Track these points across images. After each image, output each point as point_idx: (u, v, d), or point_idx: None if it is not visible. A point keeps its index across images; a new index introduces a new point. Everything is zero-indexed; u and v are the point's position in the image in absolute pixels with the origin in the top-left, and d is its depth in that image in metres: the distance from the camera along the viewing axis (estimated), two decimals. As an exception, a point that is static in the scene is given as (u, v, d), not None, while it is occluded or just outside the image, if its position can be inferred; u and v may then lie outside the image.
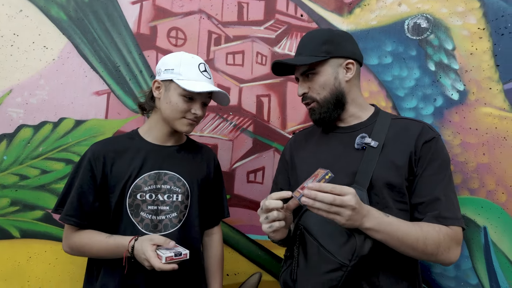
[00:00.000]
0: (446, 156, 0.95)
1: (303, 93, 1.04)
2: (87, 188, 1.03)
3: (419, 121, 1.00)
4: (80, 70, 1.46)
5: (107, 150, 1.07)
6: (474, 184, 1.29)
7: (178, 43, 1.50)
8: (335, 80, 1.00)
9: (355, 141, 0.98)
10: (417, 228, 0.84)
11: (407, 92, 1.39)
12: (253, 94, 1.49)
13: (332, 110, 1.01)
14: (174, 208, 1.08)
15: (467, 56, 1.33)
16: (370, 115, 1.05)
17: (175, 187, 1.09)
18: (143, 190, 1.05)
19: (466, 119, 1.31)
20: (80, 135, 1.45)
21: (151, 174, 1.07)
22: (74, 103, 1.45)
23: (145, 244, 0.94)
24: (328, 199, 0.74)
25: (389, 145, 0.95)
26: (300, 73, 1.04)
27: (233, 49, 1.51)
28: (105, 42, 1.48)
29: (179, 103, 1.06)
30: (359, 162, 0.94)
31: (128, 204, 1.04)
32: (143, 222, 1.05)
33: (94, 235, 1.04)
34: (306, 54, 1.01)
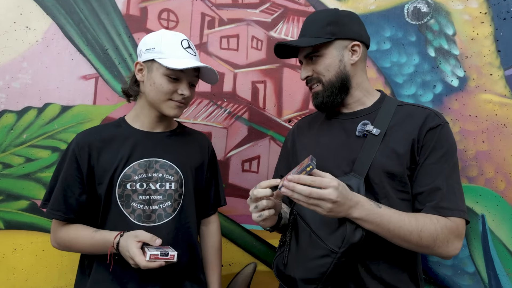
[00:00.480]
0: (451, 144, 0.91)
1: (306, 76, 1.00)
2: (72, 181, 1.00)
3: (426, 108, 0.96)
4: (66, 53, 1.40)
5: (92, 140, 1.03)
6: (472, 172, 1.28)
7: (170, 25, 1.44)
8: (340, 63, 0.97)
9: (357, 128, 0.95)
10: (411, 219, 0.82)
11: (406, 78, 1.37)
12: (248, 80, 1.45)
13: (336, 94, 0.97)
14: (167, 197, 1.04)
15: (468, 41, 1.31)
16: (375, 101, 1.01)
17: (168, 175, 1.05)
18: (133, 180, 1.01)
19: (465, 106, 1.30)
20: (66, 121, 1.39)
21: (140, 163, 1.03)
22: (60, 87, 1.39)
23: (130, 240, 0.91)
24: (305, 192, 0.74)
25: (392, 133, 0.92)
26: (303, 56, 1.00)
27: (228, 32, 1.46)
28: (93, 24, 1.41)
29: (163, 84, 1.00)
30: (360, 149, 0.92)
31: (118, 194, 1.00)
32: (135, 213, 1.01)
33: (81, 229, 1.00)
34: (310, 35, 0.97)
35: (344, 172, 0.92)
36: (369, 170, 0.89)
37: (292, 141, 1.13)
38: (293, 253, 0.91)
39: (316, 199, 0.74)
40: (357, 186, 0.86)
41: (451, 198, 0.85)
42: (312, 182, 0.74)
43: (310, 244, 0.86)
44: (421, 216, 0.84)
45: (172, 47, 1.01)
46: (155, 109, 1.06)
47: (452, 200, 0.85)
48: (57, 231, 1.02)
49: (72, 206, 0.99)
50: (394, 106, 0.97)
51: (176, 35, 1.04)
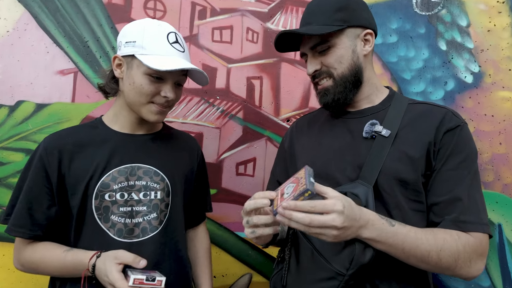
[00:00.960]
0: (472, 148, 0.83)
1: (315, 70, 0.90)
2: (38, 192, 0.88)
3: (442, 107, 0.87)
4: (41, 45, 1.30)
5: (63, 143, 0.91)
6: (488, 176, 1.22)
7: (157, 15, 1.35)
8: (353, 54, 0.87)
9: (364, 128, 0.86)
10: (429, 237, 0.73)
11: (414, 74, 1.30)
12: (243, 76, 1.37)
13: (350, 90, 0.88)
14: (153, 207, 0.94)
15: (484, 33, 1.24)
16: (384, 98, 0.93)
17: (153, 183, 0.95)
18: (112, 189, 0.91)
19: (481, 104, 1.23)
20: (42, 121, 1.29)
21: (121, 169, 0.93)
22: (34, 83, 1.29)
23: (109, 263, 0.80)
24: (304, 221, 0.64)
25: (404, 134, 0.83)
26: (309, 47, 0.90)
27: (220, 23, 1.37)
28: (71, 13, 1.31)
29: (144, 84, 0.89)
30: (367, 153, 0.83)
31: (95, 207, 0.89)
32: (115, 227, 0.90)
33: (49, 249, 0.89)
34: (317, 23, 0.87)
35: (349, 179, 0.84)
36: (378, 177, 0.80)
37: (290, 142, 1.05)
38: (292, 273, 0.84)
39: (318, 227, 0.65)
40: (365, 196, 0.78)
41: (473, 210, 0.77)
42: (312, 208, 0.64)
43: (312, 264, 0.78)
44: (440, 232, 0.75)
45: (155, 42, 0.89)
46: (135, 112, 0.96)
47: (474, 212, 0.77)
48: (21, 250, 0.90)
49: (38, 221, 0.88)
50: (405, 104, 0.89)
51: (162, 26, 0.92)
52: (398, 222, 0.74)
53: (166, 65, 0.85)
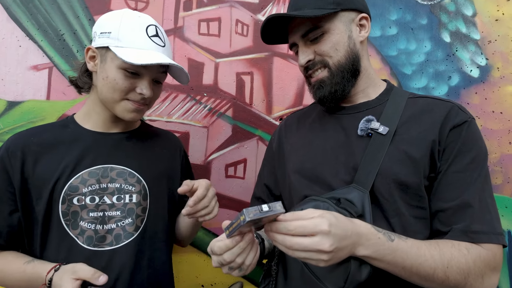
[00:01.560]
0: (481, 147, 0.75)
1: (308, 60, 0.83)
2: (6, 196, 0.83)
3: (447, 100, 0.80)
4: (13, 38, 1.23)
5: (27, 144, 0.86)
6: (497, 179, 1.16)
7: (139, 6, 1.28)
8: (349, 40, 0.80)
9: (359, 125, 0.79)
10: (434, 253, 0.66)
11: (415, 69, 1.24)
12: (232, 71, 1.31)
13: (348, 80, 0.81)
14: (127, 212, 0.88)
15: (491, 23, 1.18)
16: (381, 92, 0.86)
17: (127, 185, 0.89)
18: (81, 192, 0.85)
19: (488, 100, 1.17)
20: (14, 120, 1.22)
21: (91, 171, 0.87)
22: (6, 79, 1.23)
23: (66, 278, 0.74)
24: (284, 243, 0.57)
25: (404, 131, 0.76)
26: (300, 35, 0.83)
27: (208, 15, 1.30)
28: (45, 4, 1.23)
29: (118, 79, 0.83)
30: (363, 153, 0.76)
31: (62, 212, 0.83)
32: (84, 234, 0.84)
33: (9, 260, 0.83)
34: (310, 7, 0.80)
35: (343, 182, 0.77)
36: (375, 180, 0.73)
37: (278, 141, 0.98)
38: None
39: (303, 251, 0.57)
40: (360, 202, 0.71)
41: (485, 218, 0.69)
42: (290, 231, 0.56)
43: (302, 281, 0.72)
44: (447, 246, 0.68)
45: (133, 34, 0.83)
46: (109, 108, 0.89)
47: (486, 220, 0.69)
48: None
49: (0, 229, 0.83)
50: (404, 99, 0.82)
51: (142, 18, 0.87)
52: (398, 236, 0.67)
53: (142, 59, 0.79)
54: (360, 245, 0.62)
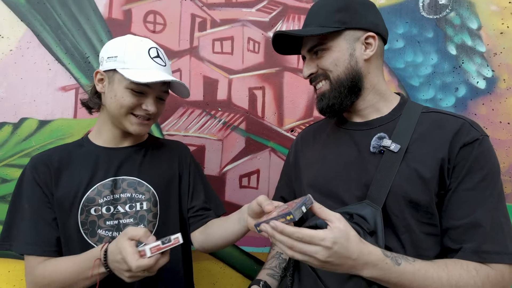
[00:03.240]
0: (494, 165, 0.74)
1: (309, 73, 0.86)
2: (40, 207, 0.89)
3: (459, 117, 0.79)
4: (43, 62, 1.32)
5: (49, 161, 0.93)
6: (506, 188, 1.16)
7: (157, 29, 1.35)
8: (350, 57, 0.82)
9: (371, 142, 0.80)
10: (442, 274, 0.66)
11: (422, 81, 1.25)
12: (244, 86, 1.36)
13: (345, 96, 0.82)
14: (139, 219, 0.94)
15: (497, 36, 1.18)
16: (394, 107, 0.85)
17: (137, 194, 0.95)
18: (98, 203, 0.92)
19: (495, 111, 1.18)
20: (45, 137, 1.31)
21: (105, 183, 0.94)
22: (37, 100, 1.32)
23: (121, 241, 0.76)
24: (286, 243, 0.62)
25: (415, 149, 0.76)
26: (307, 50, 0.87)
27: (221, 34, 1.36)
28: (72, 29, 1.33)
29: (125, 97, 0.91)
30: (375, 170, 0.77)
31: (81, 222, 0.90)
32: (102, 241, 0.90)
33: (60, 259, 0.89)
34: (316, 24, 0.83)
35: (356, 198, 0.78)
36: (387, 198, 0.74)
37: (295, 155, 1.00)
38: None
39: (300, 253, 0.61)
40: (373, 218, 0.72)
41: (497, 238, 0.69)
42: (298, 238, 0.61)
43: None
44: (456, 267, 0.68)
45: (137, 57, 0.91)
46: (117, 125, 0.97)
47: (498, 241, 0.69)
48: (34, 269, 0.88)
49: (46, 235, 0.89)
50: (417, 114, 0.81)
51: (143, 41, 0.94)
52: (406, 259, 0.67)
53: (147, 78, 0.87)
54: (366, 269, 0.64)
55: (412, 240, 0.73)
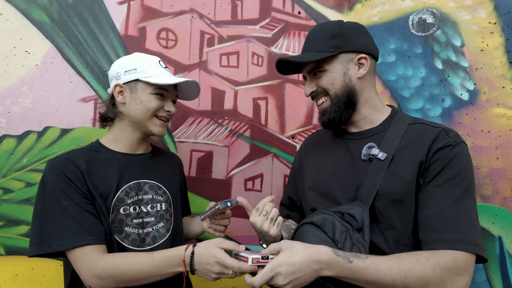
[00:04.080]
0: (465, 166, 0.80)
1: (311, 92, 0.96)
2: (78, 200, 0.90)
3: (437, 126, 0.86)
4: (65, 76, 1.41)
5: (76, 162, 0.94)
6: (487, 190, 1.24)
7: (169, 44, 1.44)
8: (344, 76, 0.91)
9: (362, 151, 0.89)
10: (393, 265, 0.72)
11: (412, 92, 1.33)
12: (249, 97, 1.44)
13: (343, 110, 0.92)
14: (159, 218, 1.04)
15: (477, 52, 1.27)
16: (385, 119, 0.94)
17: (157, 196, 1.05)
18: (126, 203, 0.99)
19: (477, 120, 1.26)
20: (66, 144, 1.39)
21: (131, 185, 1.01)
22: (60, 111, 1.40)
23: (212, 247, 0.83)
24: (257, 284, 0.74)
25: (400, 157, 0.84)
26: (307, 71, 0.96)
27: (227, 49, 1.45)
28: (91, 46, 1.42)
29: (152, 101, 1.02)
30: (365, 175, 0.86)
31: (111, 220, 0.95)
32: (129, 238, 0.98)
33: (128, 255, 0.91)
34: (313, 50, 0.92)
35: (349, 199, 0.87)
36: (374, 199, 0.83)
37: (300, 161, 1.11)
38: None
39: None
40: (361, 217, 0.81)
41: (461, 227, 0.74)
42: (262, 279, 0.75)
43: None
44: (407, 258, 0.73)
45: (153, 67, 1.04)
46: (138, 131, 1.04)
47: (456, 230, 0.74)
48: (95, 263, 0.88)
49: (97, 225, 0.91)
50: (405, 125, 0.89)
51: (152, 56, 1.08)
52: (358, 256, 0.74)
53: (170, 80, 1.01)
54: (324, 269, 0.73)
55: (395, 236, 0.81)
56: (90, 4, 1.41)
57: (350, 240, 0.79)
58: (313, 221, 0.84)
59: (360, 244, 0.78)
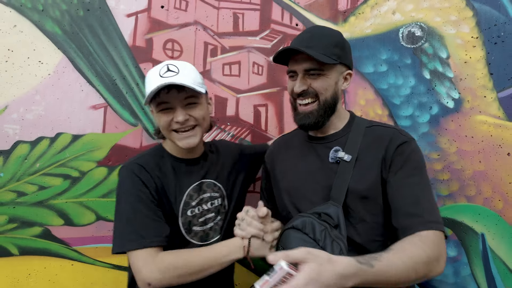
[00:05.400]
0: (421, 159, 0.92)
1: (303, 90, 0.95)
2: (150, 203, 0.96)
3: (391, 127, 0.99)
4: (76, 85, 1.46)
5: (148, 168, 0.99)
6: (471, 191, 1.30)
7: (174, 55, 1.50)
8: (335, 85, 0.98)
9: (329, 154, 0.98)
10: (403, 258, 0.73)
11: (403, 100, 1.40)
12: (250, 104, 1.49)
13: (328, 115, 0.98)
14: (217, 212, 1.10)
15: (462, 64, 1.34)
16: (345, 123, 1.03)
17: (214, 193, 1.10)
18: (192, 205, 1.05)
19: (461, 127, 1.32)
20: (77, 149, 1.44)
21: (193, 187, 1.06)
22: (71, 118, 1.45)
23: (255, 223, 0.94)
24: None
25: (363, 157, 0.94)
26: (303, 69, 0.95)
27: (230, 59, 1.50)
28: (101, 56, 1.47)
29: (160, 119, 0.99)
30: (335, 176, 0.94)
31: (182, 223, 1.02)
32: (197, 235, 1.05)
33: (189, 250, 0.97)
34: (319, 50, 0.92)
35: (322, 199, 0.94)
36: (346, 197, 0.91)
37: (271, 164, 1.15)
38: None
39: None
40: (336, 215, 0.88)
41: (432, 212, 0.84)
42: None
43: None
44: (408, 246, 0.77)
45: (150, 83, 0.96)
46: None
47: (433, 214, 0.84)
48: (158, 260, 0.91)
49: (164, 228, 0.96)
50: (363, 128, 0.99)
51: (159, 66, 0.99)
52: (374, 259, 0.70)
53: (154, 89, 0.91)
54: (349, 281, 0.66)
55: (365, 229, 0.89)
56: (100, 16, 1.46)
57: (329, 237, 0.84)
58: (294, 225, 0.89)
59: (339, 239, 0.84)
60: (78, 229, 1.44)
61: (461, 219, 1.31)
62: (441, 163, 1.34)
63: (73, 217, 1.43)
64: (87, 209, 1.43)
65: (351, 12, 1.45)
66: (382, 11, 1.43)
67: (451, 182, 1.33)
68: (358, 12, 1.45)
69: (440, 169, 1.34)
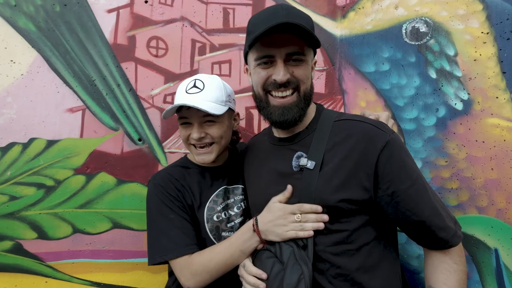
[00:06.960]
0: (409, 154, 0.85)
1: (288, 79, 0.82)
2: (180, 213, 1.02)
3: (364, 121, 0.86)
4: (52, 86, 1.40)
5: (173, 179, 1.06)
6: (482, 201, 1.23)
7: (159, 53, 1.43)
8: (311, 74, 0.90)
9: (292, 163, 0.87)
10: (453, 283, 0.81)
11: (407, 101, 1.33)
12: (241, 106, 1.43)
13: (305, 109, 0.88)
14: (244, 214, 1.13)
15: (471, 62, 1.27)
16: (312, 118, 0.92)
17: (237, 196, 1.12)
18: (217, 211, 1.07)
19: (471, 130, 1.25)
20: (52, 156, 1.38)
21: (217, 193, 1.09)
22: (46, 121, 1.39)
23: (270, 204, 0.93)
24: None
25: (329, 160, 0.83)
26: (285, 53, 0.82)
27: (219, 58, 1.44)
28: (79, 55, 1.40)
29: (181, 132, 1.06)
30: (301, 183, 0.86)
31: (209, 229, 1.05)
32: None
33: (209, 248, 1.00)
34: (305, 24, 0.79)
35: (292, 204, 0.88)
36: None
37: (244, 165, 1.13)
38: None
39: None
40: None
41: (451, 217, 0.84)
42: None
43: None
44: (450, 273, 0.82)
45: (176, 96, 1.05)
46: None
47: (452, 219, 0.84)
48: (189, 264, 0.97)
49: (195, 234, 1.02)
50: (330, 125, 0.87)
51: (188, 79, 1.05)
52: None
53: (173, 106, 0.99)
54: None
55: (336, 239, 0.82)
56: (78, 12, 1.40)
57: (294, 258, 0.80)
58: (266, 247, 0.88)
59: (303, 262, 0.79)
60: (52, 243, 1.37)
61: (472, 232, 1.24)
62: (449, 170, 1.27)
63: (47, 230, 1.36)
64: (63, 221, 1.36)
65: (350, 7, 1.39)
66: (383, 5, 1.36)
67: (460, 191, 1.25)
68: (358, 7, 1.38)
69: (448, 177, 1.27)
